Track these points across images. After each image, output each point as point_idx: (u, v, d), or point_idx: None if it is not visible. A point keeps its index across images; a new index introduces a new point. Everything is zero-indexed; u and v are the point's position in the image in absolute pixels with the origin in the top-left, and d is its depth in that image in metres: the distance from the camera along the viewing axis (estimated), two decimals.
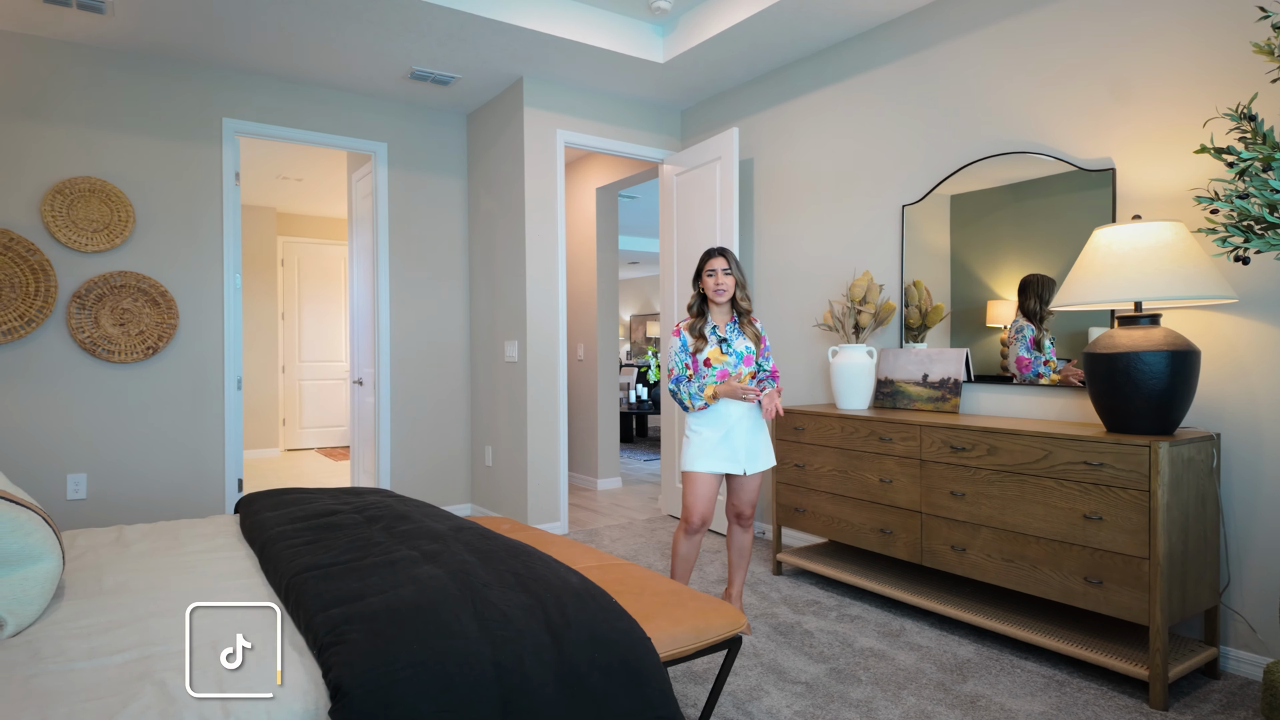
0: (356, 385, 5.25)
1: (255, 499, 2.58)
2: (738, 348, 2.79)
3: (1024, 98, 3.07)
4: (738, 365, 2.78)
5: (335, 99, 4.49)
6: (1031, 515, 2.56)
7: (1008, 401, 3.13)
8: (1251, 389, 2.46)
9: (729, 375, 2.76)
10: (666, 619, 1.81)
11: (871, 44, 3.69)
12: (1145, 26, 2.69)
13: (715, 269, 2.76)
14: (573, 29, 3.81)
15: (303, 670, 1.35)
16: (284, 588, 1.66)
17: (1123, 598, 2.32)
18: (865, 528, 3.18)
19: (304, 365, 8.20)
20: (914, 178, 3.51)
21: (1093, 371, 2.49)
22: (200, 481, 4.08)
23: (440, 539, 1.94)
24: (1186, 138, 2.55)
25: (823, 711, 2.24)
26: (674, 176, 4.72)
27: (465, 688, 1.32)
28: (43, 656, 1.35)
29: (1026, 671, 2.51)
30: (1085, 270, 2.49)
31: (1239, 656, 2.48)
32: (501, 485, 4.59)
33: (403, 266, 4.76)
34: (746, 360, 2.79)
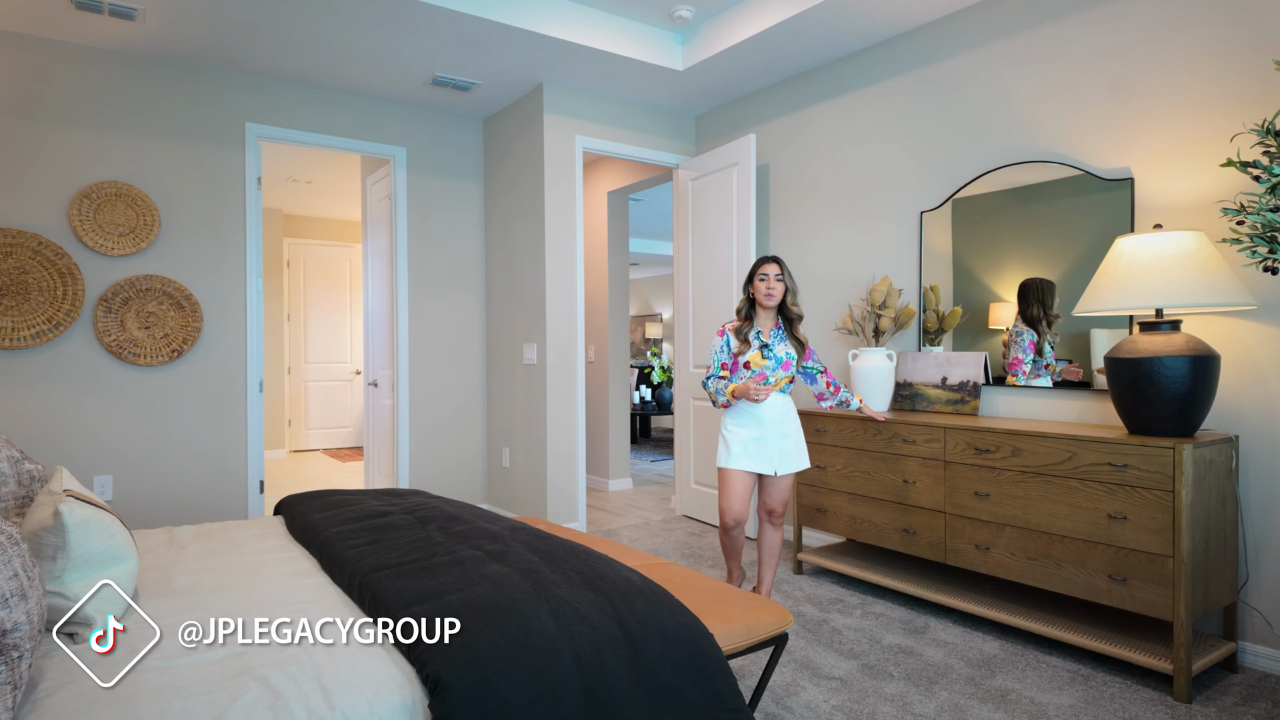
0: (371, 387, 5.29)
1: (297, 501, 2.63)
2: (778, 353, 2.90)
3: (1041, 108, 3.15)
4: (776, 369, 2.88)
5: (356, 104, 4.53)
6: (1056, 515, 2.64)
7: (1026, 404, 3.21)
8: (1269, 392, 2.55)
9: (766, 377, 2.86)
10: (719, 616, 1.87)
11: (889, 53, 3.77)
12: (1163, 41, 2.77)
13: (768, 274, 2.87)
14: (595, 37, 3.86)
15: (393, 666, 1.40)
16: (356, 587, 1.71)
17: (1147, 594, 2.40)
18: (888, 527, 3.25)
19: (310, 367, 8.22)
20: (932, 184, 3.59)
21: (1115, 375, 2.57)
22: (223, 483, 4.11)
23: (499, 539, 2.00)
24: (1206, 150, 2.64)
25: (860, 706, 2.31)
26: (689, 181, 4.78)
27: (551, 680, 1.38)
28: (132, 656, 1.40)
29: (1052, 666, 2.59)
30: (1108, 277, 2.58)
31: (1256, 651, 2.57)
32: (519, 486, 4.64)
33: (420, 269, 4.80)
34: (785, 365, 2.90)
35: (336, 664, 1.38)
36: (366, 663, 1.40)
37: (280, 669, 1.35)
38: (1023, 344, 3.20)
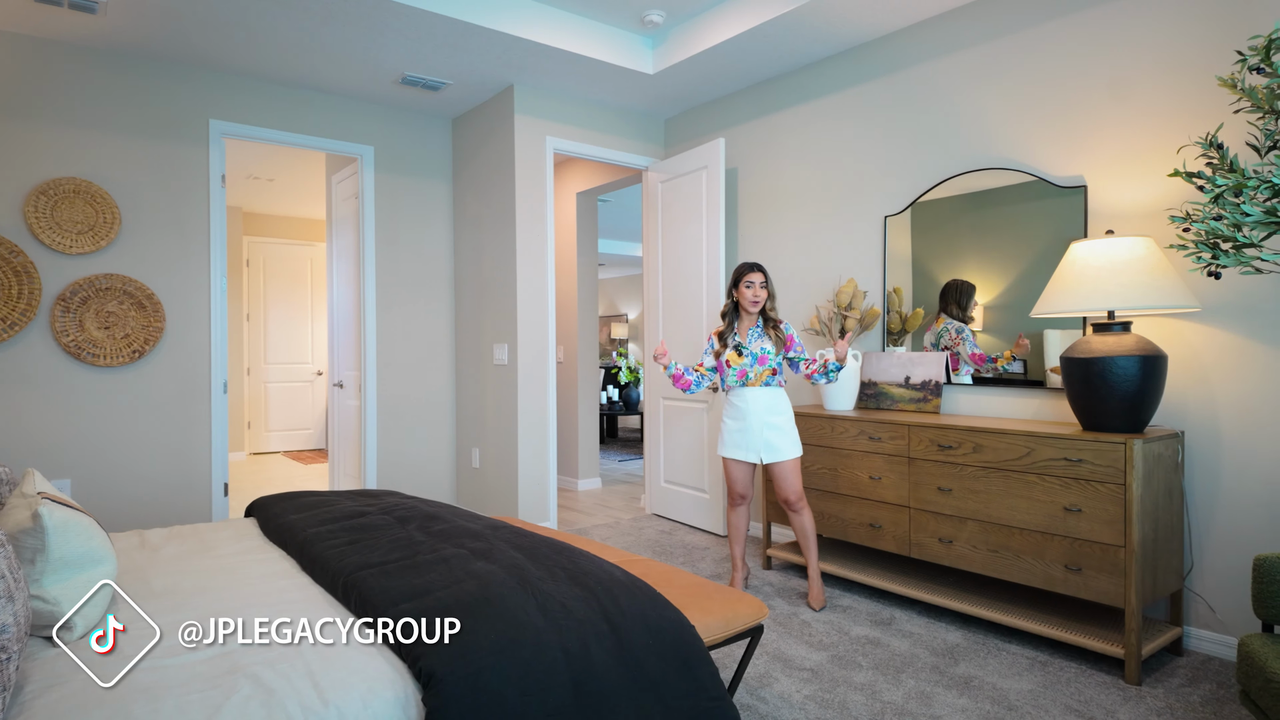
0: (336, 388, 5.23)
1: (272, 502, 2.61)
2: (753, 349, 3.13)
3: (1001, 117, 3.27)
4: (753, 365, 3.12)
5: (323, 101, 4.49)
6: (1015, 508, 2.76)
7: (985, 402, 3.33)
8: (1211, 390, 2.69)
9: (745, 374, 3.14)
10: (699, 609, 1.92)
11: (856, 61, 3.87)
12: (1114, 56, 2.91)
13: (753, 282, 3.14)
14: (566, 39, 3.89)
15: (384, 662, 1.42)
16: (340, 586, 1.72)
17: (1100, 583, 2.52)
18: (854, 522, 3.35)
19: (270, 368, 8.07)
20: (896, 189, 3.69)
21: (1070, 374, 2.69)
22: (186, 486, 4.04)
23: (481, 537, 2.02)
24: (1154, 160, 2.78)
25: (830, 695, 2.38)
26: (659, 184, 4.84)
27: (540, 672, 1.41)
28: (126, 656, 1.40)
29: (1012, 654, 2.70)
30: (1064, 281, 2.70)
31: (1200, 635, 2.71)
32: (489, 487, 4.64)
33: (388, 268, 4.77)
34: (761, 360, 3.13)
35: (327, 661, 1.40)
36: (358, 659, 1.42)
37: (271, 667, 1.36)
38: (966, 339, 3.35)
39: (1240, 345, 2.63)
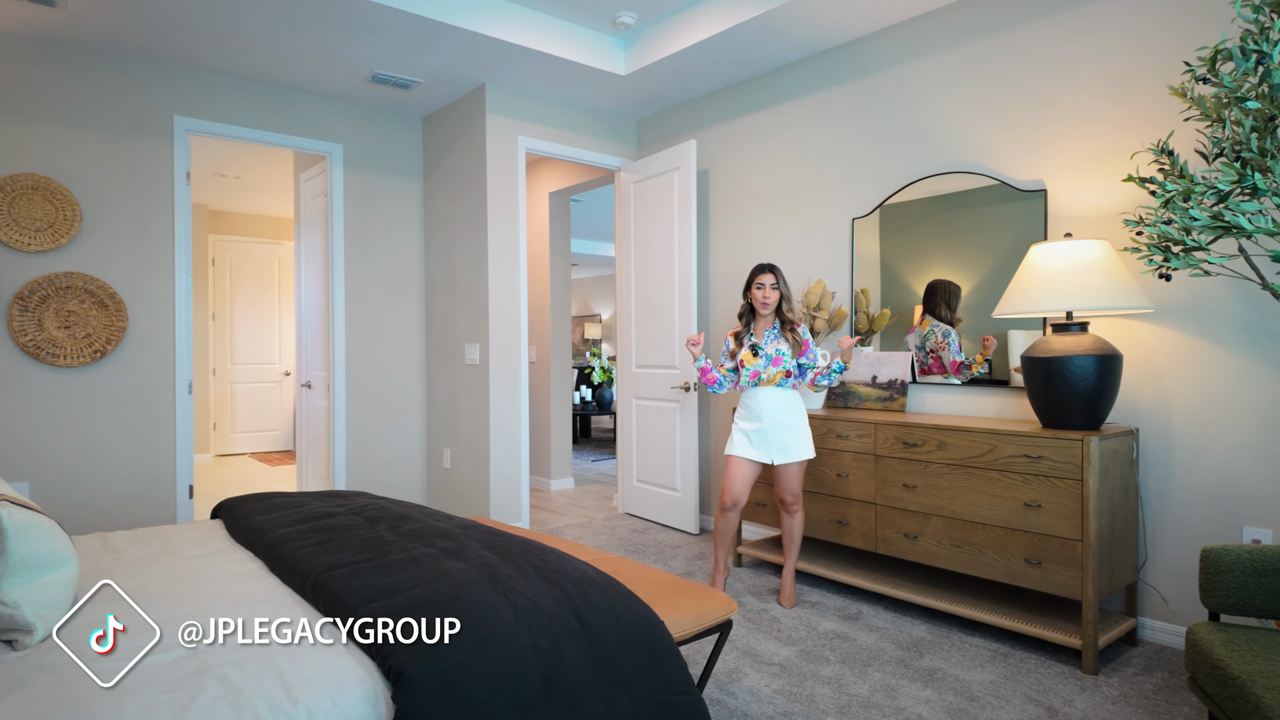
0: (305, 389, 5.18)
1: (239, 503, 2.58)
2: (768, 351, 3.14)
3: (965, 121, 3.35)
4: (767, 366, 3.13)
5: (291, 99, 4.44)
6: (978, 504, 2.82)
7: (949, 400, 3.40)
8: (1164, 388, 2.78)
9: (759, 374, 3.14)
10: (669, 605, 1.95)
11: (824, 66, 3.93)
12: (1073, 63, 2.99)
13: (764, 283, 3.15)
14: (538, 39, 3.90)
15: (354, 660, 1.42)
16: (309, 586, 1.72)
17: (1059, 576, 2.59)
18: (822, 519, 3.40)
19: (237, 368, 7.95)
20: (863, 192, 3.76)
21: (1030, 373, 2.76)
22: (150, 488, 3.97)
23: (452, 536, 2.02)
24: (1111, 165, 2.87)
25: (798, 689, 2.42)
26: (631, 184, 4.86)
27: (511, 669, 1.42)
28: (89, 658, 1.38)
29: (975, 646, 2.76)
30: (1024, 282, 2.77)
31: (1154, 625, 2.80)
32: (461, 487, 4.63)
33: (357, 268, 4.73)
34: (776, 361, 3.14)
35: (296, 661, 1.40)
36: (326, 658, 1.41)
37: (239, 667, 1.35)
38: (952, 344, 3.39)
39: (1192, 345, 2.72)
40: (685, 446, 4.44)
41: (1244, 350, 2.61)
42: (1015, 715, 2.25)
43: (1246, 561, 1.86)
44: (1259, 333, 2.57)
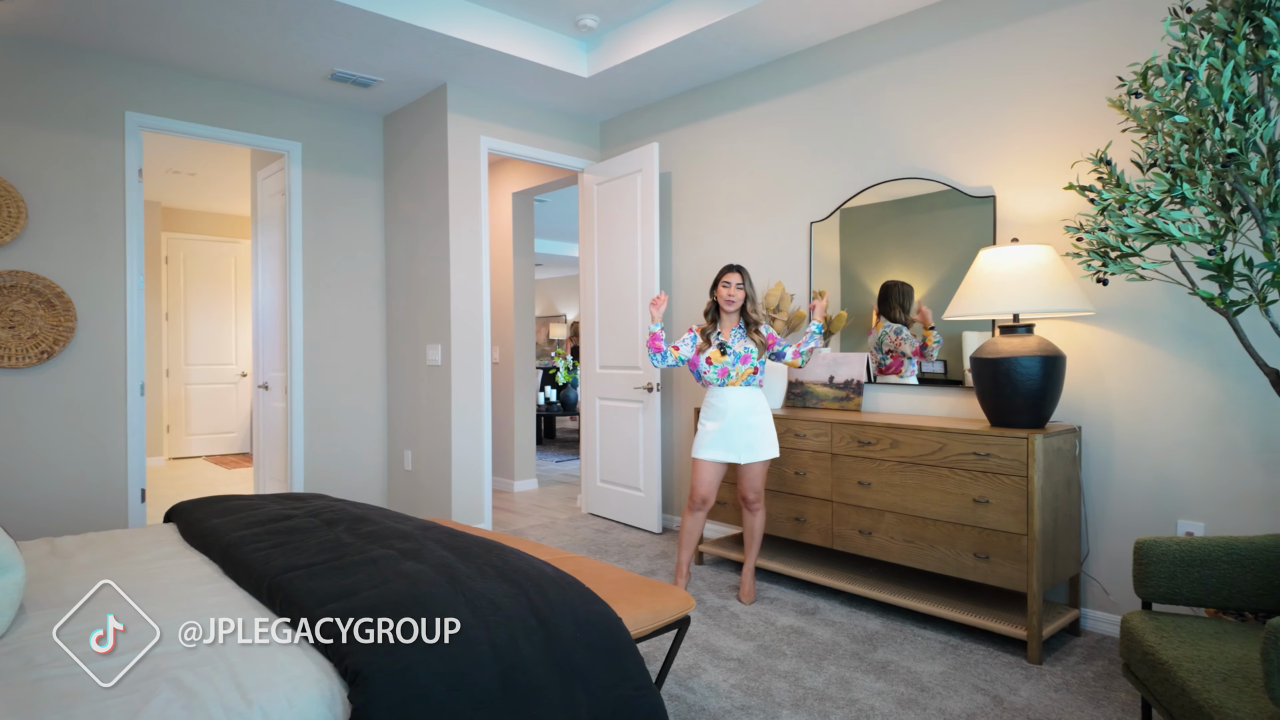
0: (261, 390, 5.10)
1: (193, 507, 2.54)
2: (736, 349, 3.18)
3: (919, 128, 3.44)
4: (735, 364, 3.17)
5: (247, 96, 4.37)
6: (929, 501, 2.91)
7: (903, 400, 3.49)
8: (1105, 388, 2.90)
9: (727, 372, 3.17)
10: (628, 603, 1.98)
11: (783, 72, 4.00)
12: (1022, 76, 3.10)
13: (730, 282, 3.19)
14: (500, 40, 3.90)
15: (310, 662, 1.42)
16: (265, 589, 1.71)
17: (1006, 570, 2.69)
18: (781, 517, 3.46)
19: (191, 369, 7.78)
20: (821, 196, 3.83)
21: (979, 373, 2.85)
22: (101, 492, 3.87)
23: (410, 538, 2.02)
24: (1054, 173, 2.98)
25: (756, 683, 2.47)
26: (595, 186, 4.88)
27: (469, 667, 1.44)
28: (38, 664, 1.36)
29: (926, 639, 2.84)
30: (973, 285, 2.86)
31: (1095, 616, 2.92)
32: (422, 489, 4.60)
33: (316, 267, 4.67)
34: (744, 359, 3.18)
35: (251, 662, 1.39)
36: (282, 660, 1.41)
37: (193, 670, 1.35)
38: (908, 338, 3.48)
39: (1130, 346, 2.84)
40: (648, 446, 4.48)
41: (1178, 352, 2.73)
42: (963, 704, 2.33)
43: (1176, 553, 1.96)
44: (1192, 335, 2.69)
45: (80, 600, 1.59)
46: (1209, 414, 2.67)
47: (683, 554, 3.27)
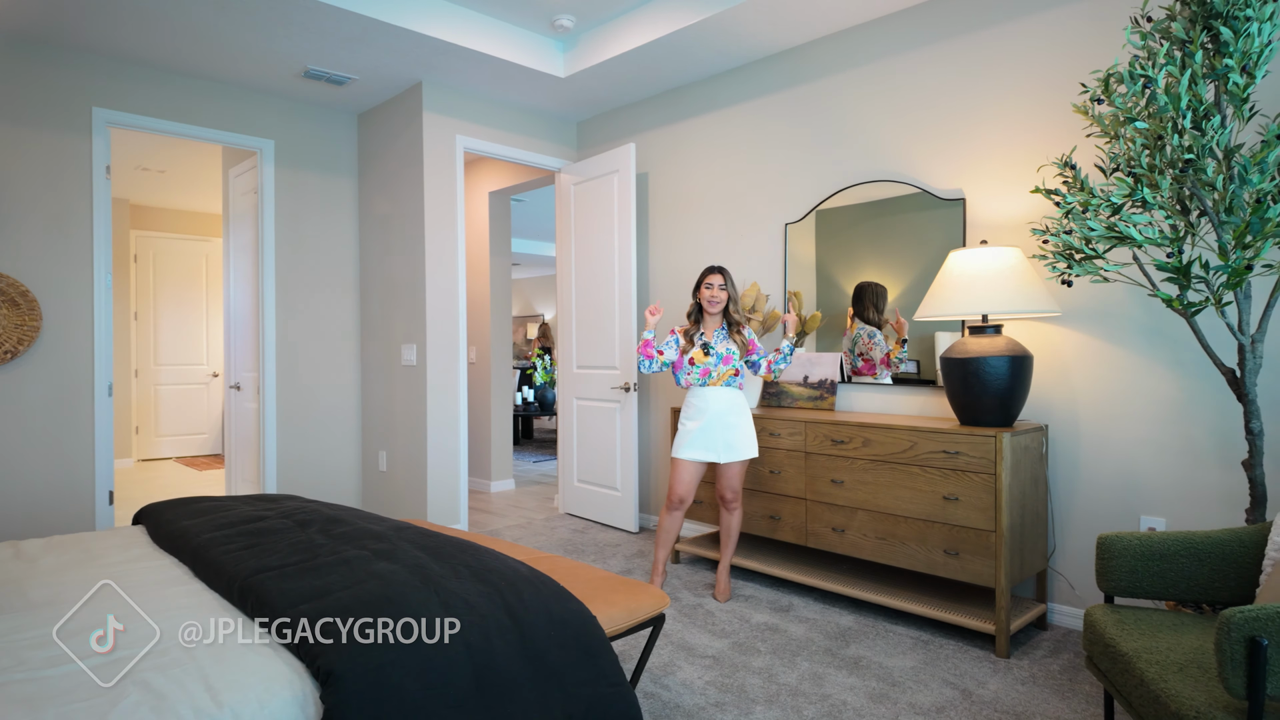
0: (233, 390, 5.03)
1: (163, 508, 2.51)
2: (719, 350, 3.22)
3: (890, 131, 3.49)
4: (718, 364, 3.21)
5: (220, 92, 4.31)
6: (900, 498, 2.95)
7: (876, 399, 3.54)
8: (1072, 388, 2.96)
9: (709, 372, 3.21)
10: (603, 601, 1.99)
11: (759, 74, 4.04)
12: (991, 81, 3.16)
13: (712, 284, 3.23)
14: (476, 39, 3.89)
15: (281, 663, 1.42)
16: (236, 590, 1.70)
17: (975, 565, 2.74)
18: (756, 515, 3.49)
19: (161, 369, 7.65)
20: (797, 198, 3.87)
21: (949, 373, 2.90)
22: (67, 495, 3.80)
23: (384, 539, 2.02)
24: (1022, 176, 3.04)
25: (730, 680, 2.49)
26: (572, 186, 4.88)
27: (443, 666, 1.44)
28: (2, 668, 1.34)
29: (898, 634, 2.89)
30: (942, 287, 2.91)
31: (1062, 610, 2.98)
32: (397, 490, 4.57)
33: (289, 267, 4.63)
34: (726, 360, 3.22)
35: (222, 664, 1.38)
36: (253, 661, 1.41)
37: (162, 672, 1.34)
38: (879, 343, 3.53)
39: (1095, 346, 2.90)
40: (626, 446, 4.49)
41: (1141, 351, 2.80)
42: (933, 698, 2.37)
43: (1137, 547, 2.01)
44: (1154, 335, 2.76)
45: (43, 604, 1.57)
46: (1170, 412, 2.74)
47: (660, 552, 3.29)
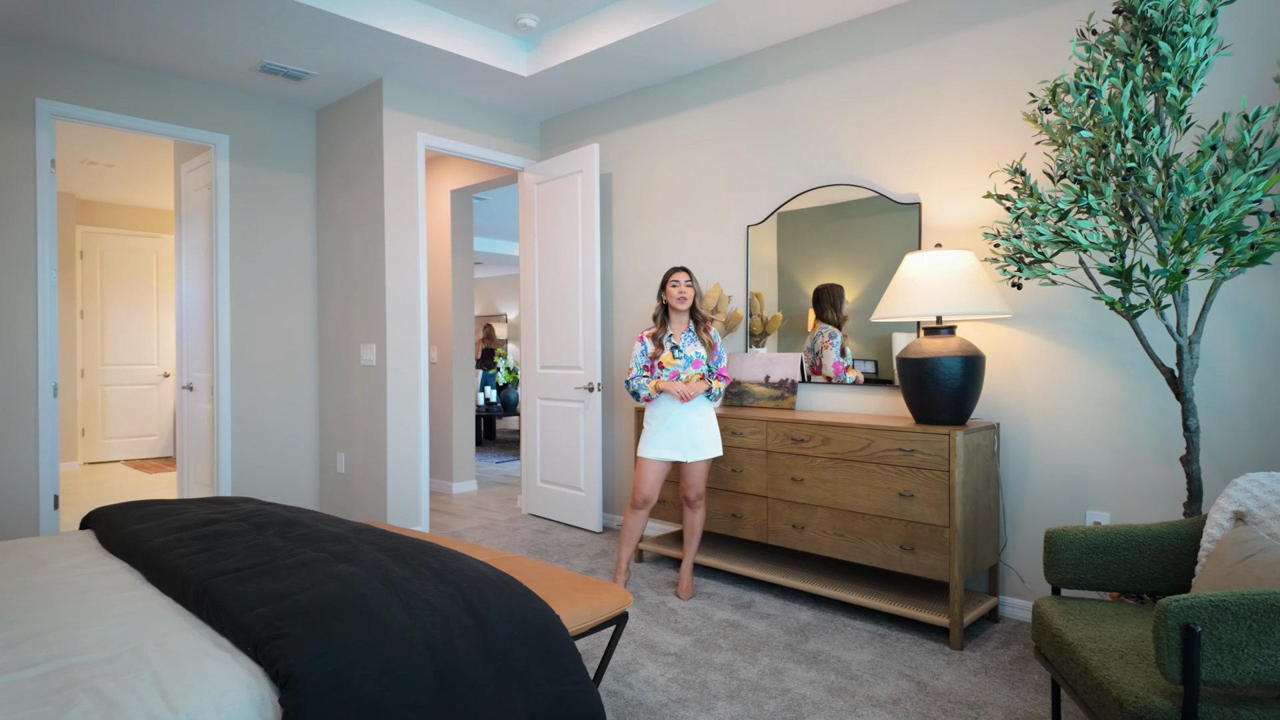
0: (186, 391, 4.91)
1: (112, 512, 2.45)
2: (688, 352, 3.26)
3: (850, 136, 3.56)
4: (687, 367, 3.24)
5: (172, 85, 4.20)
6: (858, 495, 3.01)
7: (834, 398, 3.60)
8: (1022, 387, 3.06)
9: (679, 375, 3.25)
10: (566, 600, 2.00)
11: (720, 78, 4.08)
12: (945, 88, 3.24)
13: (679, 280, 3.28)
14: (438, 37, 3.85)
15: (239, 667, 1.40)
16: (191, 595, 1.66)
17: (930, 560, 2.81)
18: (718, 513, 3.53)
19: (109, 370, 7.42)
20: (758, 200, 3.92)
21: (904, 373, 2.97)
22: (9, 499, 3.67)
23: (344, 541, 2.00)
24: (975, 182, 3.12)
25: (692, 676, 2.52)
26: (535, 185, 4.87)
27: (404, 667, 1.44)
28: None
29: (856, 629, 2.95)
30: (898, 289, 2.98)
31: (1013, 603, 3.08)
32: (356, 492, 4.51)
33: (244, 264, 4.53)
34: (695, 364, 3.26)
35: (176, 669, 1.36)
36: (209, 666, 1.38)
37: (113, 679, 1.31)
38: (835, 345, 3.60)
39: (1044, 346, 3.00)
40: (589, 446, 4.50)
41: (1087, 352, 2.90)
42: (890, 690, 2.43)
43: (1082, 541, 2.09)
44: (1099, 336, 2.87)
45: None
46: (1113, 410, 2.84)
47: (623, 551, 3.31)
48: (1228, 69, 2.56)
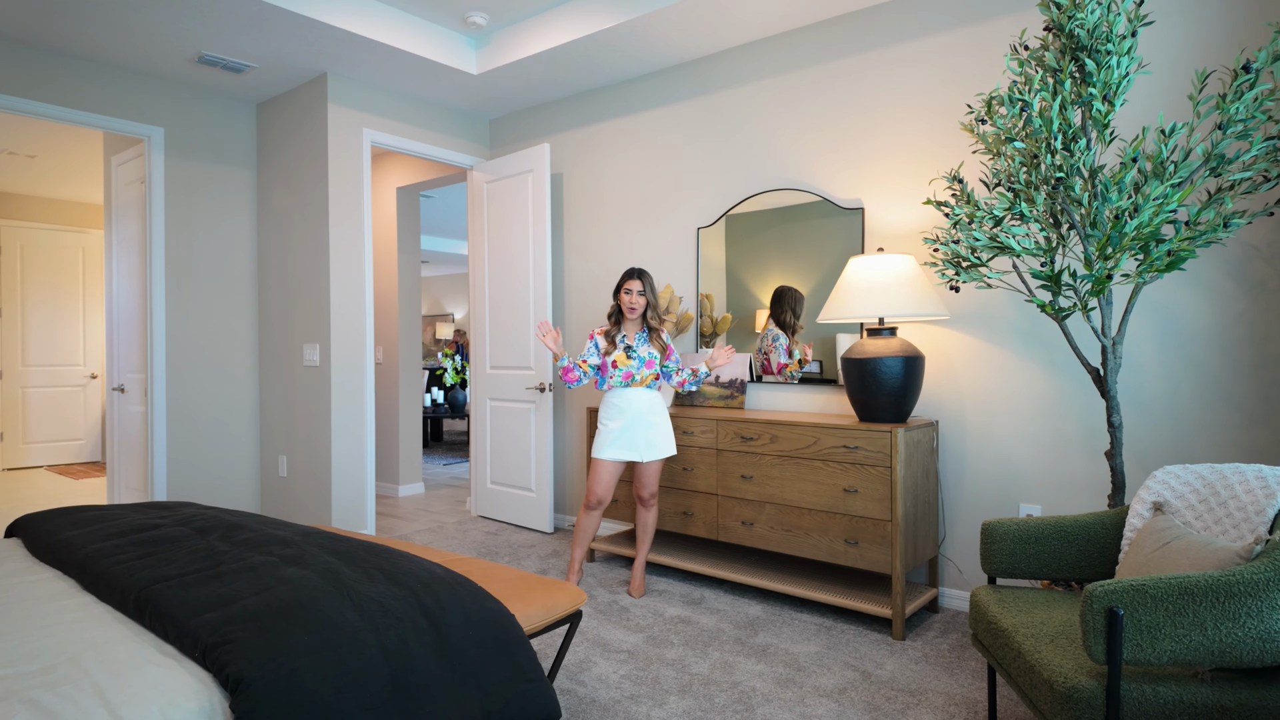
0: (117, 393, 4.72)
1: (41, 519, 2.34)
2: (641, 354, 3.28)
3: (795, 142, 3.64)
4: (640, 368, 3.26)
5: (101, 74, 4.03)
6: (804, 492, 3.09)
7: (782, 398, 3.69)
8: (959, 386, 3.18)
9: (632, 375, 3.26)
10: (520, 600, 2.00)
11: (671, 81, 4.12)
12: (886, 98, 3.35)
13: (631, 289, 3.28)
14: (384, 32, 3.80)
15: (185, 673, 1.37)
16: (132, 602, 1.61)
17: (873, 554, 2.90)
18: (670, 511, 3.57)
19: (30, 370, 7.07)
20: (708, 203, 3.98)
21: (848, 372, 3.06)
22: None
23: (292, 544, 1.96)
24: (916, 188, 3.23)
25: (644, 673, 2.55)
26: (484, 184, 4.83)
27: (358, 670, 1.42)
28: None
29: (803, 622, 3.02)
30: (843, 291, 3.07)
31: (952, 594, 3.20)
32: (299, 495, 4.41)
33: (180, 261, 4.38)
34: (649, 364, 3.28)
35: (119, 677, 1.32)
36: (154, 673, 1.35)
37: (52, 689, 1.26)
38: (780, 347, 3.68)
39: (980, 347, 3.13)
40: (540, 446, 4.49)
41: (1019, 352, 3.04)
42: (835, 680, 2.50)
43: (1015, 532, 2.19)
44: (1031, 338, 3.00)
45: None
46: (1044, 408, 2.98)
47: (576, 551, 3.32)
48: (1147, 86, 2.72)
